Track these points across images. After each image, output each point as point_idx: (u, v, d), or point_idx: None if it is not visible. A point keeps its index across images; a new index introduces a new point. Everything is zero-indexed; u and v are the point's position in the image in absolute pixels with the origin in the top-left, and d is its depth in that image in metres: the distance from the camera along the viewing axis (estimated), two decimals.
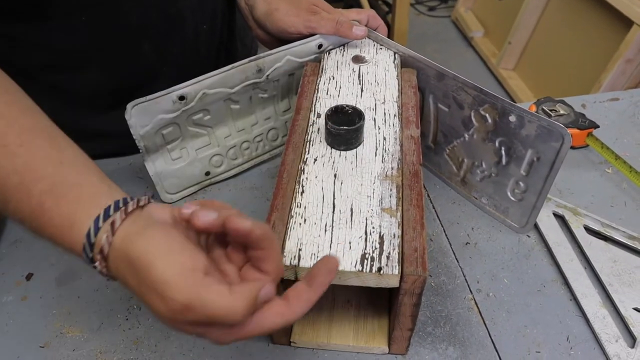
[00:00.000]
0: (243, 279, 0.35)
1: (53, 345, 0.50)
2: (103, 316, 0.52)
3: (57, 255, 0.57)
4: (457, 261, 0.55)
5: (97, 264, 0.33)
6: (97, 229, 0.33)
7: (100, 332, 0.50)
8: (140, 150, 0.56)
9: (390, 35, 2.11)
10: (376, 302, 0.50)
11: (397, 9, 2.03)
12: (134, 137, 0.54)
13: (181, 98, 0.54)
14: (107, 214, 0.33)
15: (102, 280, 0.55)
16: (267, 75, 0.59)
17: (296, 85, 0.63)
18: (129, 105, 0.52)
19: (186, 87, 0.54)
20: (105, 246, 0.33)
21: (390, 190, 0.44)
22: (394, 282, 0.38)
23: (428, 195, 0.63)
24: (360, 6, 2.20)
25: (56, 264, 0.57)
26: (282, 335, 0.47)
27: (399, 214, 0.42)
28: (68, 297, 0.54)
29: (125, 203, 0.34)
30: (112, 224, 0.33)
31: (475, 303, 0.51)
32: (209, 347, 0.48)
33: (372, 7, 2.22)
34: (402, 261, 0.38)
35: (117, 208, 0.34)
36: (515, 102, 0.51)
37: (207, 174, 0.63)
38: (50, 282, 0.55)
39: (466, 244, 0.57)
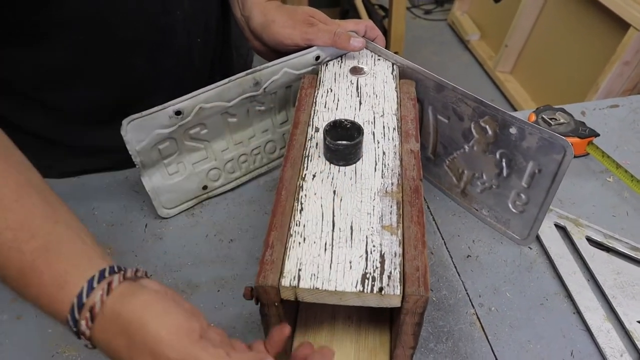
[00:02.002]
0: (250, 348, 0.36)
1: None
2: None
3: None
4: (459, 275, 0.55)
5: (82, 325, 0.32)
6: (90, 288, 0.32)
7: (95, 351, 0.49)
8: (137, 166, 0.55)
9: (387, 39, 2.10)
10: (377, 318, 0.49)
11: (393, 13, 2.03)
12: (130, 152, 0.54)
13: (177, 113, 0.53)
14: (102, 276, 0.33)
15: None
16: (264, 88, 0.58)
17: (293, 97, 0.63)
18: (124, 121, 0.51)
19: (182, 102, 0.53)
20: (97, 304, 0.32)
21: (391, 206, 0.43)
22: (395, 303, 0.37)
23: (428, 207, 0.62)
24: (356, 11, 2.20)
25: None
26: (281, 355, 0.47)
27: (399, 231, 0.41)
28: None
29: (122, 269, 0.34)
30: (109, 284, 0.33)
31: (478, 318, 0.51)
32: None
33: (368, 12, 2.22)
34: (403, 281, 0.37)
35: (112, 272, 0.34)
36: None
37: (205, 188, 0.62)
38: None
39: (467, 256, 0.56)
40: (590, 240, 0.56)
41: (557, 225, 0.58)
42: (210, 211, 0.63)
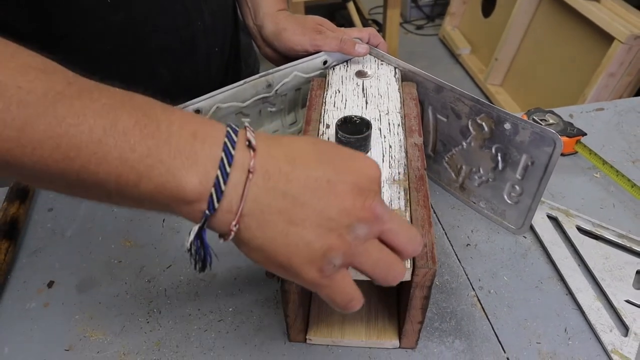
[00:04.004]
0: None
1: (77, 348, 0.52)
2: (124, 320, 0.54)
3: (77, 263, 0.60)
4: (459, 261, 0.59)
5: (242, 156, 0.30)
6: (235, 130, 0.31)
7: (122, 335, 0.53)
8: None
9: None
10: (386, 300, 0.53)
11: (387, 28, 2.10)
12: None
13: (197, 112, 0.57)
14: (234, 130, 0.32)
15: (121, 286, 0.57)
16: (276, 90, 0.62)
17: (302, 99, 0.67)
18: None
19: (201, 102, 0.57)
20: (252, 138, 0.30)
21: (399, 193, 0.47)
22: (406, 276, 0.41)
23: None
24: (351, 26, 2.27)
25: (76, 272, 0.59)
26: (298, 333, 0.50)
27: (407, 214, 0.45)
28: (89, 303, 0.56)
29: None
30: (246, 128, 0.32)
31: (478, 299, 0.54)
32: (229, 346, 0.51)
33: (363, 26, 2.28)
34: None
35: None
36: None
37: None
38: (71, 289, 0.57)
39: (467, 245, 0.60)
40: (580, 229, 0.61)
41: (549, 216, 0.62)
42: None
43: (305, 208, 0.31)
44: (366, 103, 0.58)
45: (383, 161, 0.51)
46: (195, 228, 0.31)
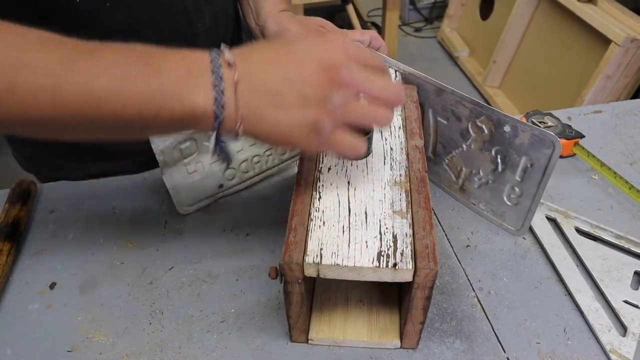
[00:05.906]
0: None
1: (80, 349, 0.52)
2: (127, 321, 0.54)
3: (79, 265, 0.60)
4: (459, 262, 0.59)
5: (226, 54, 0.38)
6: (217, 55, 0.39)
7: (125, 336, 0.53)
8: (159, 164, 0.59)
9: None
10: (387, 301, 0.53)
11: (386, 31, 2.11)
12: (155, 151, 0.58)
13: None
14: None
15: (124, 287, 0.58)
16: None
17: None
18: None
19: None
20: (230, 58, 0.38)
21: (400, 194, 0.48)
22: (407, 277, 0.42)
23: None
24: (351, 28, 2.28)
25: (78, 274, 0.59)
26: (300, 333, 0.50)
27: (409, 215, 0.46)
28: (92, 304, 0.56)
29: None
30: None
31: (478, 300, 0.55)
32: (231, 347, 0.51)
33: (362, 28, 2.29)
34: (414, 257, 0.42)
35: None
36: None
37: (221, 186, 0.66)
38: (73, 291, 0.58)
39: (467, 246, 0.61)
40: (578, 230, 0.61)
41: (548, 218, 0.63)
42: (225, 208, 0.67)
43: (285, 96, 0.38)
44: None
45: (385, 163, 0.51)
46: (213, 136, 0.39)
